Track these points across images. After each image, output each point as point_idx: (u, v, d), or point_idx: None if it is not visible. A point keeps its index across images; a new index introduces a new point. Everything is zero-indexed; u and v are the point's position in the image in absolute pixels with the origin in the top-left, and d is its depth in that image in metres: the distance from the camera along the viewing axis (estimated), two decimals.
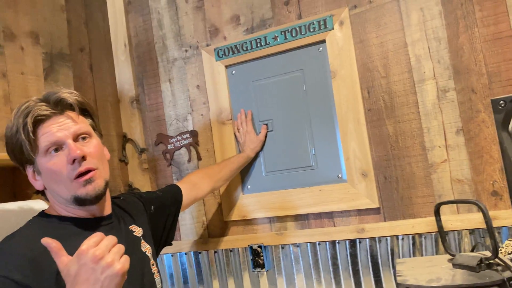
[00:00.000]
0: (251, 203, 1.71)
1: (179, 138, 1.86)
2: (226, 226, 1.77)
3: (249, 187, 1.73)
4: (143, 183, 1.91)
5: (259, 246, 1.66)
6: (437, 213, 1.23)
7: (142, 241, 1.12)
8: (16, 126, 0.95)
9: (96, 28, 1.93)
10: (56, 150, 0.95)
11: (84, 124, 1.01)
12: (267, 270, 1.67)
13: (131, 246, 1.06)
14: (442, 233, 1.23)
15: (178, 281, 1.84)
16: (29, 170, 1.00)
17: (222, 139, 1.77)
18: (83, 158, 0.95)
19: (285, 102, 1.67)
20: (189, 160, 1.84)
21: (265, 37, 1.67)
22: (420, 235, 1.45)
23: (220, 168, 1.58)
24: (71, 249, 0.93)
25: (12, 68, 1.52)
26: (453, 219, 1.40)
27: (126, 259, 0.76)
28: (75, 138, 0.97)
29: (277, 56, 1.68)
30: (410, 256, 1.46)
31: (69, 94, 0.99)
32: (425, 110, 1.46)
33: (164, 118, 1.90)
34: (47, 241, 0.78)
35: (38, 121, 0.95)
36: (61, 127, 0.96)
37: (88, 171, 0.96)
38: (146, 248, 1.12)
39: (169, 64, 1.89)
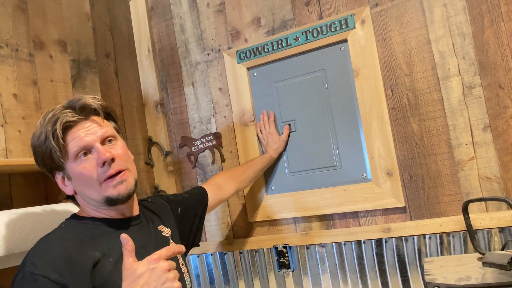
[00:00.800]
0: (275, 203, 1.72)
1: (203, 140, 1.88)
2: (251, 227, 1.78)
3: (273, 188, 1.74)
4: (168, 185, 1.95)
5: (284, 247, 1.66)
6: (465, 211, 1.21)
7: (171, 241, 1.15)
8: (44, 133, 0.98)
9: (120, 34, 1.97)
10: (85, 154, 0.98)
11: (109, 128, 1.04)
12: (293, 271, 1.67)
13: (160, 246, 1.08)
14: (471, 232, 1.21)
15: (204, 281, 1.86)
16: (58, 177, 1.04)
17: (245, 141, 1.78)
18: (112, 160, 0.98)
19: (308, 102, 1.67)
20: (213, 162, 1.86)
21: (286, 38, 1.68)
22: (448, 234, 1.43)
23: (244, 169, 1.59)
24: (104, 248, 0.95)
25: (42, 76, 1.57)
26: (482, 217, 1.37)
27: (179, 284, 0.83)
28: (102, 142, 1.00)
29: (298, 56, 1.68)
30: (437, 256, 1.44)
31: (92, 100, 1.02)
32: (451, 107, 1.44)
33: (188, 121, 1.93)
34: (125, 238, 0.84)
35: (66, 128, 0.98)
36: (88, 132, 0.99)
37: (118, 173, 0.99)
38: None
39: (192, 68, 1.92)
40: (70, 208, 1.41)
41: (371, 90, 1.54)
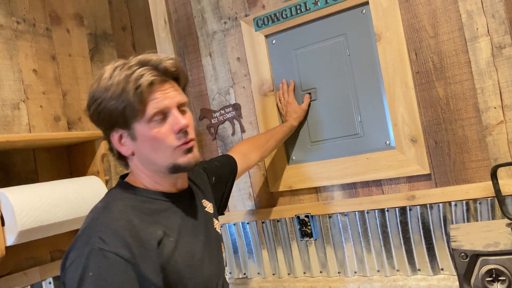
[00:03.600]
0: (296, 173, 1.71)
1: (222, 112, 1.87)
2: (273, 197, 1.78)
3: (294, 158, 1.73)
4: None
5: (306, 216, 1.66)
6: (494, 176, 1.17)
7: (214, 218, 1.15)
8: (122, 88, 0.90)
9: (136, 6, 1.95)
10: (161, 118, 0.94)
11: (184, 95, 1.00)
12: (315, 239, 1.68)
13: (207, 224, 1.09)
14: (499, 197, 1.17)
15: (228, 251, 1.88)
16: (116, 135, 0.97)
17: (265, 111, 1.76)
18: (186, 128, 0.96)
19: (328, 69, 1.62)
20: (233, 133, 1.85)
21: (305, 3, 1.63)
22: (474, 200, 1.40)
23: (267, 138, 1.56)
24: (163, 225, 0.94)
25: (60, 51, 1.57)
26: (511, 183, 1.33)
27: None
28: (178, 108, 0.97)
29: (318, 22, 1.63)
30: (464, 223, 1.41)
31: (174, 63, 0.97)
32: (478, 70, 1.38)
33: (206, 93, 1.91)
34: None
35: (149, 86, 0.92)
36: (167, 95, 0.94)
37: (190, 141, 0.97)
38: (216, 223, 1.14)
39: (209, 38, 1.88)
40: (94, 181, 1.44)
41: (394, 54, 1.49)
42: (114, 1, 1.82)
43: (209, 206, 1.15)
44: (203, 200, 1.15)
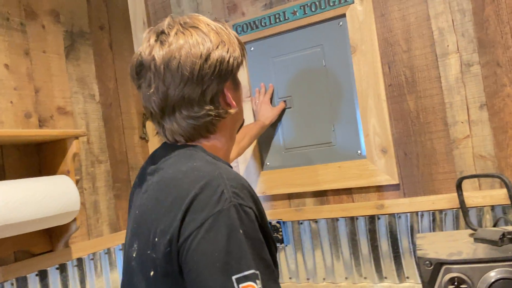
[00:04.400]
0: (270, 179, 1.72)
1: None
2: None
3: (268, 163, 1.74)
4: None
5: (278, 222, 1.68)
6: (459, 188, 1.21)
7: None
8: (240, 51, 0.91)
9: (115, 6, 1.93)
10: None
11: None
12: (286, 245, 1.69)
13: None
14: (463, 208, 1.21)
15: None
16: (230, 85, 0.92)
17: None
18: None
19: (305, 79, 1.65)
20: None
21: (284, 12, 1.65)
22: (440, 211, 1.44)
23: (242, 135, 1.55)
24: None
25: (34, 47, 1.54)
26: (474, 195, 1.38)
27: None
28: None
29: (296, 31, 1.66)
30: (430, 232, 1.45)
31: None
32: (448, 85, 1.43)
33: None
34: None
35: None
36: None
37: None
38: None
39: None
40: (63, 181, 1.41)
41: (369, 67, 1.53)
42: None
43: None
44: None
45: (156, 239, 0.77)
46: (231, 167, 0.89)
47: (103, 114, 1.77)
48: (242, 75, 1.75)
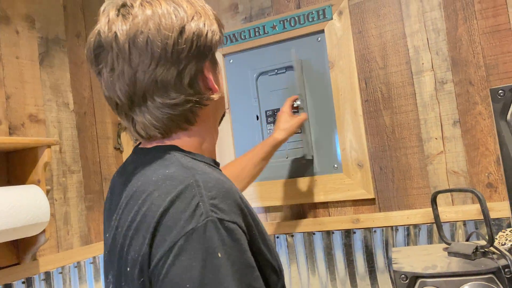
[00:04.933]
0: (246, 192, 1.70)
1: None
2: None
3: None
4: None
5: None
6: (433, 202, 1.23)
7: None
8: (218, 26, 0.76)
9: (92, 14, 1.91)
10: None
11: None
12: None
13: None
14: (438, 222, 1.23)
15: None
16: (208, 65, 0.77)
17: (220, 130, 1.75)
18: None
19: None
20: None
21: (263, 26, 1.67)
22: (415, 226, 1.46)
23: (242, 165, 1.32)
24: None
25: (7, 52, 1.50)
26: (447, 210, 1.41)
27: None
28: None
29: (275, 45, 1.67)
30: (404, 246, 1.46)
31: None
32: (423, 102, 1.46)
33: None
34: None
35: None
36: None
37: None
38: None
39: None
40: (33, 191, 1.36)
41: (346, 82, 1.55)
42: (69, 6, 1.77)
43: None
44: None
45: (128, 269, 0.63)
46: (218, 164, 0.78)
47: (77, 123, 1.73)
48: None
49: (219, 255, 0.57)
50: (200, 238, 0.58)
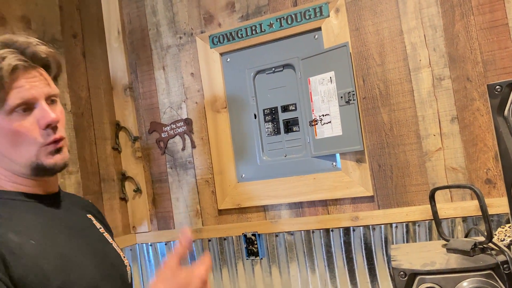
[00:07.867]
0: (245, 191, 1.70)
1: (173, 126, 1.85)
2: (220, 215, 1.76)
3: (243, 175, 1.73)
4: (136, 172, 1.90)
5: (253, 234, 1.66)
6: (432, 199, 1.23)
7: (105, 233, 0.99)
8: None
9: (89, 14, 1.90)
10: (24, 110, 0.80)
11: (54, 86, 0.86)
12: (261, 258, 1.67)
13: (89, 226, 0.95)
14: (436, 218, 1.23)
15: None
16: None
17: (217, 127, 1.75)
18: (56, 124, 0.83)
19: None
20: (183, 149, 1.83)
21: (260, 24, 1.66)
22: (414, 223, 1.46)
23: None
24: (21, 228, 0.78)
25: None
26: (446, 207, 1.40)
27: None
28: (47, 100, 0.83)
29: (272, 43, 1.67)
30: (403, 243, 1.46)
31: (44, 48, 0.84)
32: (420, 98, 1.46)
33: (157, 106, 1.88)
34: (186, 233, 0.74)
35: (11, 71, 0.78)
36: (34, 84, 0.81)
37: (60, 140, 0.83)
38: (106, 234, 0.99)
39: (163, 51, 1.87)
40: None
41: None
42: (65, 6, 1.77)
43: (96, 222, 0.99)
44: (89, 214, 0.99)
45: None
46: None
47: (75, 124, 1.72)
48: (218, 85, 1.74)
49: None
50: None
